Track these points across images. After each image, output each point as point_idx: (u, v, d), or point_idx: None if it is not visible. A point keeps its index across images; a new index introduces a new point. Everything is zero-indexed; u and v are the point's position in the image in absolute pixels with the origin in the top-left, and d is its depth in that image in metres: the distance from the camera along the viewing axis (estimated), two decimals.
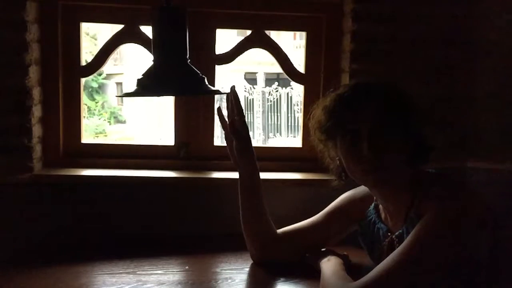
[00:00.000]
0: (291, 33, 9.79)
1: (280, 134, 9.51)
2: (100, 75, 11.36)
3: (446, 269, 1.16)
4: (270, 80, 11.03)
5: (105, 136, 10.02)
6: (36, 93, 1.79)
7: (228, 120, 1.51)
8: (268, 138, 9.34)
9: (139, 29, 1.87)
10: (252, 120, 9.32)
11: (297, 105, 9.07)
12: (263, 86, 10.66)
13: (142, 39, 1.87)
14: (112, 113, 11.79)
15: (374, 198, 1.41)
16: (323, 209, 1.55)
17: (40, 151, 1.85)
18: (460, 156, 1.92)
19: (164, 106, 9.13)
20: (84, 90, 2.04)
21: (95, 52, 1.93)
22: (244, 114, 1.49)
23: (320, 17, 1.93)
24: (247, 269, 1.54)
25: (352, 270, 1.37)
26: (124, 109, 12.18)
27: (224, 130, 1.54)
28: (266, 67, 10.39)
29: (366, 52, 1.85)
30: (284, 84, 9.52)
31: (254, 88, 9.91)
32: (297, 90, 8.77)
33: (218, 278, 1.49)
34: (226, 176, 1.84)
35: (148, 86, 1.18)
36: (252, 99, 9.65)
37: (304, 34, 1.98)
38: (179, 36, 1.19)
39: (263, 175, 1.57)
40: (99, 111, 11.52)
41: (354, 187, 1.51)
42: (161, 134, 9.05)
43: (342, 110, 1.26)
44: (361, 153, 1.23)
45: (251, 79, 10.95)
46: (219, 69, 1.94)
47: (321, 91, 1.89)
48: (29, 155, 1.76)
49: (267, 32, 1.95)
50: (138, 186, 1.84)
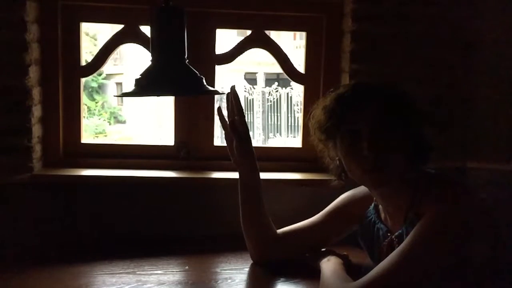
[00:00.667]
0: (291, 33, 9.80)
1: (280, 134, 9.50)
2: (100, 75, 11.37)
3: (446, 270, 1.16)
4: (270, 80, 11.03)
5: (105, 136, 10.02)
6: (36, 93, 1.79)
7: (228, 120, 1.51)
8: (268, 138, 9.34)
9: (139, 29, 1.87)
10: (252, 120, 9.31)
11: (297, 105, 9.07)
12: (263, 86, 10.66)
13: (142, 39, 1.87)
14: (112, 113, 11.79)
15: (374, 198, 1.41)
16: (323, 209, 1.56)
17: (40, 151, 1.85)
18: (460, 156, 1.92)
19: (164, 106, 9.13)
20: (84, 90, 2.04)
21: (95, 52, 1.93)
22: (244, 114, 1.49)
23: (320, 17, 1.93)
24: (247, 269, 1.54)
25: (352, 270, 1.37)
26: (124, 109, 12.18)
27: (224, 130, 1.54)
28: (266, 67, 10.39)
29: (366, 52, 1.85)
30: (284, 84, 9.52)
31: (254, 88, 9.91)
32: (297, 90, 8.76)
33: (218, 278, 1.49)
34: (226, 176, 1.84)
35: (146, 86, 1.18)
36: (252, 99, 9.65)
37: (304, 34, 1.98)
38: (177, 36, 1.19)
39: (263, 175, 1.57)
40: (99, 111, 11.52)
41: (354, 187, 1.51)
42: (161, 134, 9.06)
43: (342, 110, 1.26)
44: (361, 153, 1.23)
45: (251, 79, 10.95)
46: (219, 69, 1.94)
47: (321, 91, 1.90)
48: (29, 155, 1.76)
49: (267, 32, 1.95)
50: (138, 186, 1.84)
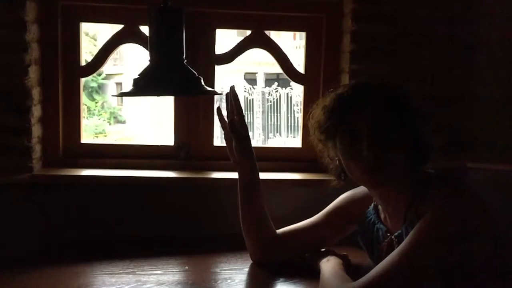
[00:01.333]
0: (291, 33, 9.77)
1: (280, 134, 9.49)
2: (99, 75, 11.35)
3: (446, 270, 1.16)
4: (270, 80, 11.01)
5: (105, 136, 10.01)
6: (36, 93, 1.79)
7: (227, 120, 1.51)
8: (268, 138, 9.33)
9: (139, 29, 1.87)
10: (252, 120, 9.30)
11: (297, 105, 9.06)
12: (263, 86, 10.64)
13: (142, 39, 1.86)
14: (111, 113, 11.78)
15: (374, 198, 1.41)
16: (323, 209, 1.55)
17: (40, 151, 1.85)
18: (460, 156, 1.92)
19: (164, 106, 9.12)
20: (84, 90, 2.04)
21: (95, 52, 1.93)
22: (243, 114, 1.49)
23: (320, 17, 1.93)
24: (247, 269, 1.54)
25: (352, 270, 1.38)
26: (124, 109, 12.16)
27: (223, 130, 1.53)
28: (266, 67, 10.36)
29: (366, 52, 1.85)
30: (284, 84, 9.50)
31: (254, 88, 9.89)
32: (297, 90, 8.75)
33: (218, 278, 1.49)
34: (226, 176, 1.84)
35: (144, 86, 1.18)
36: (252, 99, 9.64)
37: (304, 34, 1.98)
38: (176, 36, 1.19)
39: (263, 175, 1.57)
40: (98, 111, 11.51)
41: (353, 187, 1.51)
42: (161, 134, 9.05)
43: (342, 110, 1.25)
44: (360, 153, 1.22)
45: (251, 79, 10.93)
46: (219, 69, 1.94)
47: (321, 91, 1.90)
48: (28, 155, 1.76)
49: (267, 32, 1.95)
50: (138, 186, 1.84)
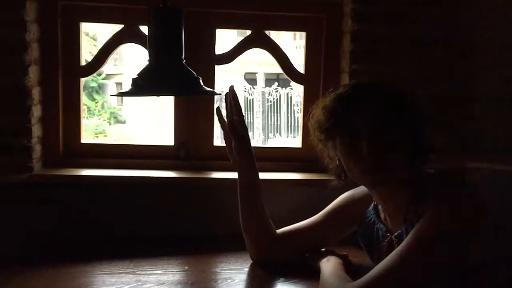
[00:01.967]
0: (291, 33, 9.77)
1: (280, 134, 9.49)
2: (100, 75, 11.34)
3: (445, 270, 1.16)
4: (270, 80, 11.01)
5: (105, 136, 10.00)
6: (36, 93, 1.79)
7: (227, 120, 1.51)
8: (268, 138, 9.33)
9: (139, 29, 1.87)
10: (252, 120, 9.31)
11: (297, 105, 9.06)
12: (263, 86, 10.64)
13: (142, 39, 1.86)
14: (112, 113, 11.77)
15: (374, 198, 1.41)
16: (323, 209, 1.56)
17: (40, 151, 1.85)
18: (460, 156, 1.92)
19: (164, 106, 9.12)
20: (84, 90, 2.04)
21: (95, 52, 1.93)
22: (243, 114, 1.49)
23: (320, 17, 1.93)
24: (247, 269, 1.54)
25: (352, 270, 1.38)
26: (124, 109, 12.15)
27: (223, 130, 1.54)
28: (266, 67, 10.36)
29: (366, 52, 1.85)
30: (284, 84, 9.51)
31: (254, 88, 9.89)
32: (297, 90, 8.76)
33: (217, 278, 1.49)
34: (226, 176, 1.84)
35: (143, 85, 1.18)
36: (252, 99, 9.64)
37: (304, 34, 1.98)
38: (174, 36, 1.19)
39: (263, 175, 1.57)
40: (99, 111, 11.50)
41: (354, 187, 1.51)
42: (161, 134, 9.05)
43: (342, 110, 1.25)
44: (360, 153, 1.22)
45: (251, 79, 10.93)
46: (219, 69, 1.94)
47: (321, 91, 1.90)
48: (28, 155, 1.76)
49: (267, 32, 1.95)
50: (138, 186, 1.84)
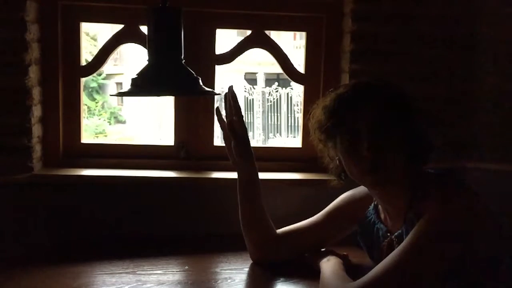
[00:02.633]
0: (291, 33, 9.78)
1: (280, 134, 9.50)
2: (100, 75, 11.34)
3: (446, 270, 1.16)
4: (270, 80, 11.01)
5: (105, 136, 10.00)
6: (36, 93, 1.79)
7: (226, 120, 1.51)
8: (268, 138, 9.33)
9: (139, 29, 1.87)
10: (252, 120, 9.31)
11: (297, 105, 9.06)
12: (263, 86, 10.64)
13: (142, 39, 1.86)
14: (112, 113, 11.76)
15: (374, 198, 1.41)
16: (323, 209, 1.56)
17: (40, 151, 1.85)
18: (460, 156, 1.92)
19: (164, 106, 9.13)
20: (84, 90, 2.04)
21: (95, 52, 1.93)
22: (242, 114, 1.49)
23: (320, 17, 1.93)
24: (247, 269, 1.54)
25: (352, 270, 1.37)
26: (124, 109, 12.15)
27: (222, 130, 1.54)
28: (266, 67, 10.36)
29: (366, 52, 1.85)
30: (284, 84, 9.51)
31: (254, 88, 9.90)
32: (297, 90, 8.76)
33: (218, 278, 1.49)
34: (226, 176, 1.84)
35: (142, 85, 1.18)
36: (252, 99, 9.64)
37: (304, 34, 1.98)
38: (174, 36, 1.19)
39: (263, 175, 1.57)
40: (99, 111, 11.50)
41: (354, 187, 1.51)
42: (161, 134, 9.05)
43: (342, 110, 1.25)
44: (360, 153, 1.22)
45: (251, 79, 10.92)
46: (219, 69, 1.94)
47: (321, 91, 1.90)
48: (29, 155, 1.76)
49: (267, 32, 1.95)
50: (138, 186, 1.84)
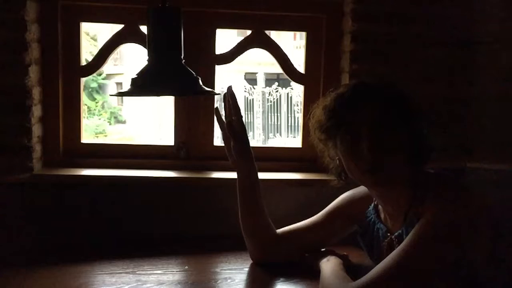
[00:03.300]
0: (291, 33, 9.79)
1: (280, 134, 9.50)
2: (100, 75, 11.34)
3: (445, 270, 1.16)
4: (270, 80, 11.01)
5: (105, 136, 10.01)
6: (36, 93, 1.79)
7: (225, 120, 1.51)
8: (268, 138, 9.34)
9: (139, 29, 1.87)
10: (252, 120, 9.32)
11: (297, 105, 9.07)
12: (263, 86, 10.64)
13: (142, 39, 1.86)
14: (112, 113, 11.77)
15: (374, 198, 1.41)
16: (323, 209, 1.56)
17: (40, 151, 1.85)
18: (460, 156, 1.92)
19: (164, 106, 9.13)
20: (84, 90, 2.04)
21: (95, 52, 1.93)
22: (241, 114, 1.49)
23: (320, 17, 1.93)
24: (247, 269, 1.54)
25: (352, 270, 1.37)
26: (124, 109, 12.16)
27: (221, 130, 1.54)
28: (266, 67, 10.37)
29: (366, 52, 1.85)
30: (284, 84, 9.51)
31: (254, 88, 9.90)
32: (297, 90, 8.76)
33: (218, 278, 1.49)
34: (226, 176, 1.84)
35: (142, 85, 1.19)
36: (252, 99, 9.65)
37: (304, 34, 1.98)
38: (173, 36, 1.19)
39: (263, 175, 1.57)
40: (99, 111, 11.50)
41: (354, 187, 1.51)
42: (161, 134, 9.05)
43: (342, 110, 1.26)
44: (360, 153, 1.23)
45: (251, 79, 10.93)
46: (219, 69, 1.94)
47: (321, 91, 1.90)
48: (29, 155, 1.76)
49: (267, 32, 1.95)
50: (138, 186, 1.84)
